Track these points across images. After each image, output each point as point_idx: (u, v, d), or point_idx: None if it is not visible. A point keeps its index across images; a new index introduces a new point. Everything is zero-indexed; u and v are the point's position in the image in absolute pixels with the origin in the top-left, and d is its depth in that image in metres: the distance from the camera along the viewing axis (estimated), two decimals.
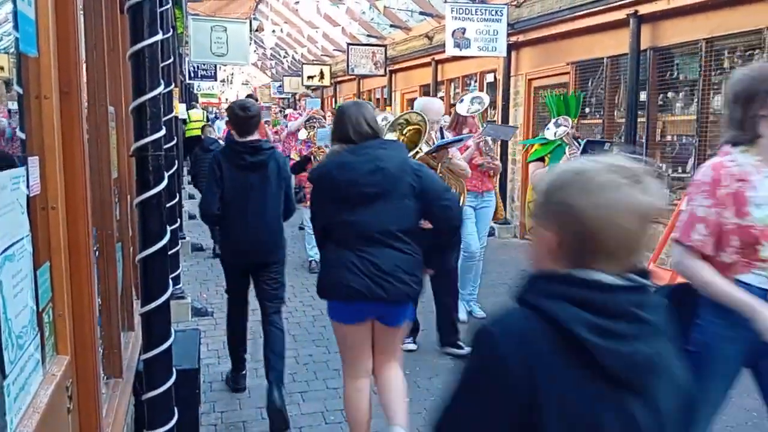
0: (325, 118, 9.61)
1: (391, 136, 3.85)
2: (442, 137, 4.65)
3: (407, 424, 2.84)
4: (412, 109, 4.65)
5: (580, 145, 5.26)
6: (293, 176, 6.30)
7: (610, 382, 1.08)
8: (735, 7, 5.93)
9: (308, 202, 6.13)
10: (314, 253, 6.58)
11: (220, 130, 11.01)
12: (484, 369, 1.14)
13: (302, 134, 7.40)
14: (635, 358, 1.09)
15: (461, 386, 1.18)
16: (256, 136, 3.87)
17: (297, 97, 10.20)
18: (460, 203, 4.28)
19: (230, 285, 4.15)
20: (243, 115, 3.77)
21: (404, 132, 3.95)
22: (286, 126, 11.05)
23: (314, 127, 7.40)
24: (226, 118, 11.16)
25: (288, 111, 12.00)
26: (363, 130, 2.90)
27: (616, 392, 1.10)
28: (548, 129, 5.39)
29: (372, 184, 2.75)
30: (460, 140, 4.71)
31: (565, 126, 5.27)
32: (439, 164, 4.19)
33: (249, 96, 11.58)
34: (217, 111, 17.93)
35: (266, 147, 3.87)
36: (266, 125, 10.75)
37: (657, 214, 1.15)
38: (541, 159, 5.26)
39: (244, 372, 4.11)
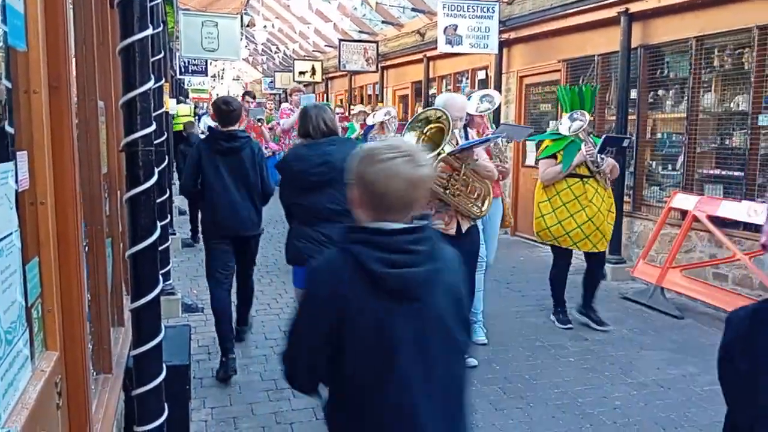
0: (351, 116, 9.33)
1: (410, 136, 3.63)
2: (466, 136, 4.43)
3: None
4: (431, 106, 4.23)
5: (594, 140, 5.04)
6: None
7: (393, 296, 1.58)
8: (725, 6, 5.96)
9: None
10: None
11: (207, 126, 10.97)
12: (312, 294, 1.69)
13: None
14: (408, 278, 1.59)
15: (299, 308, 1.74)
16: (236, 127, 4.37)
17: (288, 91, 10.02)
18: (484, 209, 4.04)
19: (211, 262, 4.37)
20: (225, 109, 4.32)
21: (425, 131, 3.71)
22: (279, 123, 10.77)
23: None
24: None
25: (283, 106, 11.81)
26: (321, 128, 3.61)
27: (398, 302, 1.58)
28: (562, 123, 5.07)
29: (320, 174, 3.42)
30: (487, 141, 4.39)
31: (581, 120, 4.93)
32: (463, 165, 3.91)
33: (246, 93, 11.32)
34: (208, 106, 17.74)
35: (242, 135, 4.38)
36: (260, 123, 10.42)
37: (422, 181, 1.62)
38: (553, 156, 5.00)
39: (232, 355, 4.23)
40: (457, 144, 3.99)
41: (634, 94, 7.03)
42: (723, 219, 5.58)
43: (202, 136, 8.68)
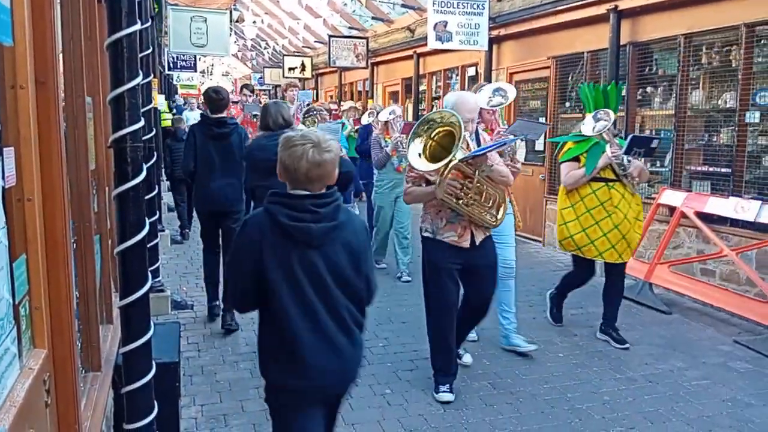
0: (330, 113, 8.46)
1: (417, 143, 3.44)
2: (477, 139, 4.01)
3: None
4: (439, 110, 3.73)
5: (620, 142, 4.70)
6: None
7: (298, 243, 2.19)
8: (713, 4, 6.00)
9: None
10: None
11: (189, 120, 10.65)
12: (242, 238, 2.26)
13: (302, 127, 6.84)
14: (310, 230, 2.18)
15: (233, 247, 2.30)
16: (224, 114, 5.07)
17: (283, 87, 9.68)
18: (500, 217, 3.82)
19: (203, 232, 5.29)
20: (215, 97, 5.03)
21: (432, 136, 3.46)
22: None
23: (315, 121, 6.37)
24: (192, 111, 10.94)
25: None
26: (279, 122, 4.46)
27: (303, 248, 2.19)
28: (585, 124, 4.70)
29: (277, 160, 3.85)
30: (503, 144, 3.97)
31: (605, 120, 4.58)
32: (477, 172, 3.60)
33: (244, 86, 10.69)
34: (186, 100, 17.29)
35: (230, 122, 5.07)
36: (256, 118, 10.20)
37: (325, 163, 2.20)
38: (576, 159, 4.66)
39: (216, 302, 5.11)
40: (469, 149, 3.70)
41: (623, 90, 7.06)
42: (710, 215, 5.63)
43: (184, 129, 8.64)
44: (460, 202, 3.61)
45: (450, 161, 3.38)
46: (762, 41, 5.70)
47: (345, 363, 2.31)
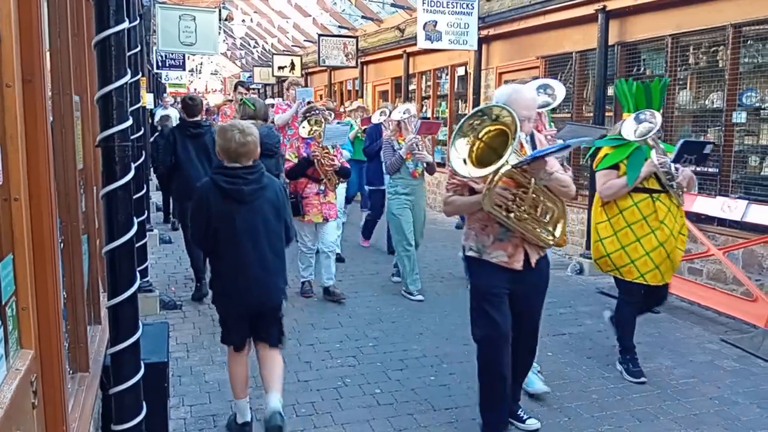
0: (333, 113, 7.82)
1: (461, 144, 2.89)
2: (533, 141, 3.31)
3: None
4: (488, 103, 3.22)
5: (665, 147, 4.13)
6: (288, 182, 5.65)
7: (234, 201, 3.10)
8: (700, 4, 6.05)
9: (305, 216, 5.60)
10: (308, 274, 5.92)
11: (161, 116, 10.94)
12: (197, 199, 3.20)
13: (304, 131, 5.67)
14: (242, 191, 3.11)
15: (192, 205, 3.25)
16: (198, 117, 6.09)
17: (285, 85, 9.24)
18: (558, 234, 3.25)
19: (183, 216, 5.90)
20: (191, 104, 6.08)
21: (481, 135, 2.90)
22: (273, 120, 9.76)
23: (320, 122, 5.70)
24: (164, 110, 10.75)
25: (276, 101, 10.89)
26: (261, 115, 5.83)
27: (237, 204, 3.11)
28: (624, 126, 4.04)
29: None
30: (565, 148, 3.10)
31: (650, 123, 3.94)
32: (532, 181, 3.03)
33: (240, 83, 9.87)
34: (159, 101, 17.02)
35: (204, 124, 6.09)
36: None
37: (247, 144, 3.14)
38: (615, 166, 4.04)
39: (203, 281, 5.65)
40: (524, 152, 3.10)
41: (611, 90, 7.10)
42: (698, 214, 5.67)
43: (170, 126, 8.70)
44: (512, 215, 3.02)
45: (501, 166, 2.82)
46: (749, 42, 5.75)
47: (269, 278, 3.26)
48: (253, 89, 23.67)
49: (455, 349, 4.60)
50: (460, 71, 10.63)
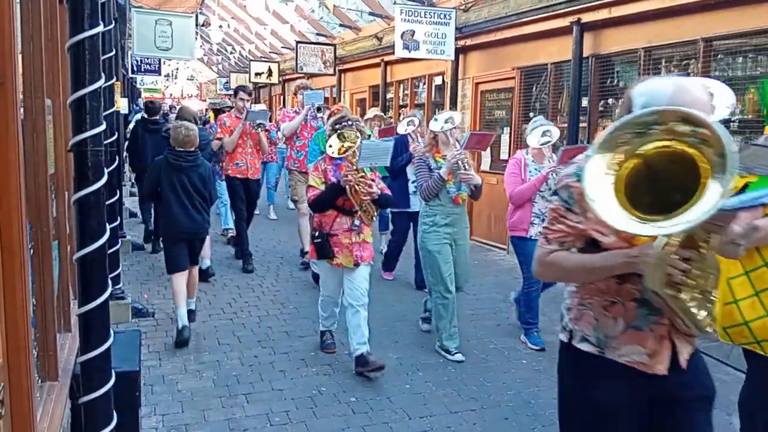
0: (363, 122, 5.83)
1: (603, 169, 1.65)
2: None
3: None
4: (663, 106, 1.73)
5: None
6: (313, 216, 4.69)
7: (175, 171, 4.95)
8: (672, 18, 6.18)
9: (334, 259, 4.39)
10: (329, 324, 4.80)
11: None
12: (151, 167, 5.29)
13: (333, 149, 4.38)
14: (182, 165, 4.96)
15: (148, 172, 5.38)
16: (157, 117, 8.09)
17: (294, 89, 8.10)
18: (709, 320, 1.94)
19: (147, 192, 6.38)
20: (152, 107, 8.13)
21: (642, 152, 1.66)
22: (278, 128, 7.93)
23: (356, 136, 4.44)
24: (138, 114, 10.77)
25: (286, 109, 8.76)
26: (195, 117, 7.27)
27: (178, 173, 4.95)
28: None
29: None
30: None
31: None
32: (713, 240, 1.88)
33: (240, 88, 7.71)
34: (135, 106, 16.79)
35: (160, 122, 7.92)
36: (260, 128, 7.18)
37: (189, 136, 5.00)
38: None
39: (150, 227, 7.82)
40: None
41: (585, 102, 7.21)
42: None
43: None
44: (673, 292, 1.83)
45: (698, 218, 1.55)
46: (719, 55, 5.88)
47: (196, 222, 5.03)
48: (229, 95, 23.55)
49: (431, 358, 4.61)
50: (438, 80, 10.70)
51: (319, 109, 7.10)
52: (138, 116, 12.40)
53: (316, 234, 4.46)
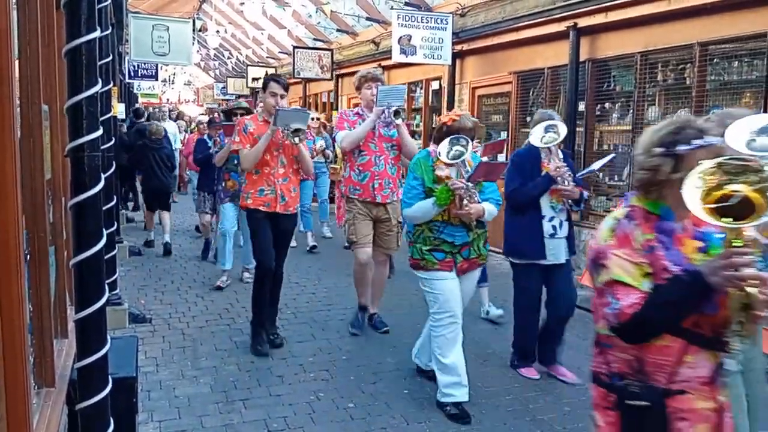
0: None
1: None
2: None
3: None
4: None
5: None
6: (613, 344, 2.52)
7: (150, 149, 8.55)
8: (668, 23, 6.20)
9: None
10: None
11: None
12: (138, 146, 9.01)
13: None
14: (153, 147, 8.59)
15: (134, 153, 9.41)
16: (142, 120, 10.74)
17: (355, 82, 5.26)
18: None
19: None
20: (138, 111, 11.28)
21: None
22: (314, 141, 6.95)
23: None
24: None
25: (343, 111, 6.09)
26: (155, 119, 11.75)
27: (151, 150, 8.56)
28: None
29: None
30: None
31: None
32: None
33: (273, 78, 4.84)
34: (158, 109, 17.14)
35: (144, 123, 10.26)
36: (290, 138, 4.61)
37: (158, 129, 8.84)
38: None
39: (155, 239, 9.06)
40: None
41: (582, 106, 7.23)
42: None
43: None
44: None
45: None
46: (715, 60, 5.90)
47: (162, 181, 8.49)
48: (226, 100, 23.58)
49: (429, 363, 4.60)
50: (435, 85, 10.72)
51: (397, 113, 4.91)
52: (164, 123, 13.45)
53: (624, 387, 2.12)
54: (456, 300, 3.77)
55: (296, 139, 4.52)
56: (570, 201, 4.23)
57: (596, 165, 4.70)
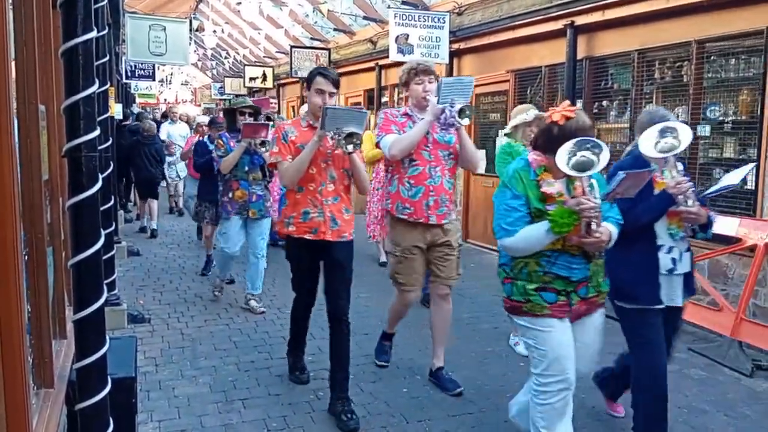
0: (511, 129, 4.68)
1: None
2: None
3: None
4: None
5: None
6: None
7: (142, 144, 9.96)
8: (664, 21, 6.20)
9: None
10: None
11: (172, 136, 12.36)
12: (132, 141, 10.37)
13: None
14: (145, 143, 9.92)
15: (131, 144, 10.41)
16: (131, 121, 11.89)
17: (402, 76, 4.15)
18: None
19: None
20: (134, 114, 12.43)
21: None
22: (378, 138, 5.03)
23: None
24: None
25: (388, 111, 4.23)
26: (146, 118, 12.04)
27: (143, 146, 9.91)
28: None
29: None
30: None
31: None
32: None
33: (319, 71, 3.27)
34: (168, 111, 17.08)
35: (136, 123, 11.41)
36: (351, 147, 3.66)
37: (150, 127, 10.12)
38: None
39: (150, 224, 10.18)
40: None
41: (579, 104, 7.22)
42: None
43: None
44: None
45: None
46: (712, 57, 5.91)
47: (151, 173, 9.79)
48: (223, 100, 23.53)
49: (428, 361, 4.60)
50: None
51: (462, 112, 3.79)
52: (171, 126, 13.70)
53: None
54: (569, 358, 2.83)
55: (350, 147, 3.51)
56: (694, 226, 3.28)
57: (734, 178, 3.52)
